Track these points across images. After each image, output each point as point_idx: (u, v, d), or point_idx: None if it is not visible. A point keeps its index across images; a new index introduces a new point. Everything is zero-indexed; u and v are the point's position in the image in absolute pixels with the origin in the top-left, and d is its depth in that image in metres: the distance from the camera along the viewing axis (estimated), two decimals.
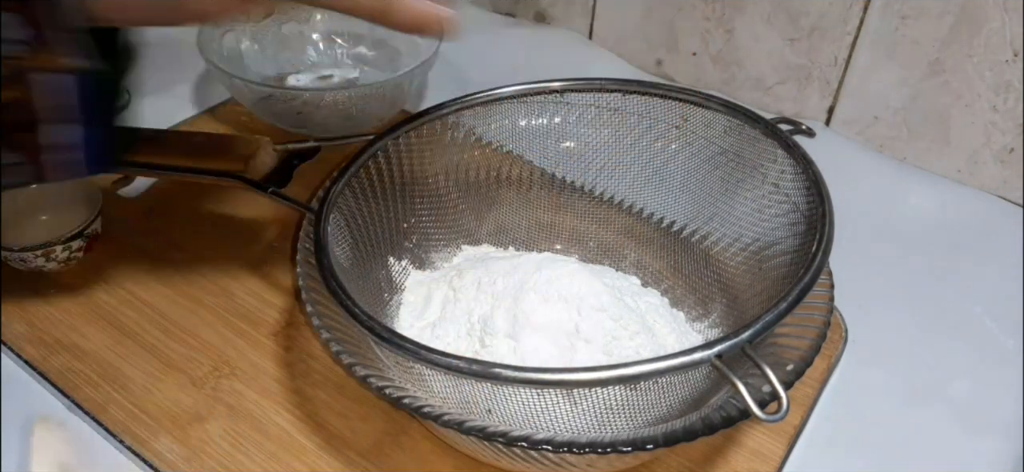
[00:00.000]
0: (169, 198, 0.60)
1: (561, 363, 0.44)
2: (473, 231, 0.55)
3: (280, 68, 0.73)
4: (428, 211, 0.53)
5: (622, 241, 0.54)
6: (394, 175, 0.50)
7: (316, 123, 0.64)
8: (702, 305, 0.50)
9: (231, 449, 0.43)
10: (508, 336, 0.44)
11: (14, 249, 0.50)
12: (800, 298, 0.36)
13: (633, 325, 0.45)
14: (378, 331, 0.36)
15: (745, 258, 0.48)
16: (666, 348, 0.46)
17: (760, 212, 0.47)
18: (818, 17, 0.67)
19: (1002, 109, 0.62)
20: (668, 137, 0.51)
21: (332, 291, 0.38)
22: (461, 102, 0.51)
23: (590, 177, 0.55)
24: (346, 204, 0.46)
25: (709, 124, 0.50)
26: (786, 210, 0.46)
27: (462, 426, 0.34)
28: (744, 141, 0.48)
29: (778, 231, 0.46)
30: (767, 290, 0.45)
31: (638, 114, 0.52)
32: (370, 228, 0.48)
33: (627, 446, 0.34)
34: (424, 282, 0.51)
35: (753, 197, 0.48)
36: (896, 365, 0.51)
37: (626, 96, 0.52)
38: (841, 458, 0.45)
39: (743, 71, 0.74)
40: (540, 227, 0.56)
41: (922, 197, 0.65)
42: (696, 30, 0.75)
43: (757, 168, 0.48)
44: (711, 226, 0.51)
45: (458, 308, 0.47)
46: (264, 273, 0.54)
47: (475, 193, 0.55)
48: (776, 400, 0.32)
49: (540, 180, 0.55)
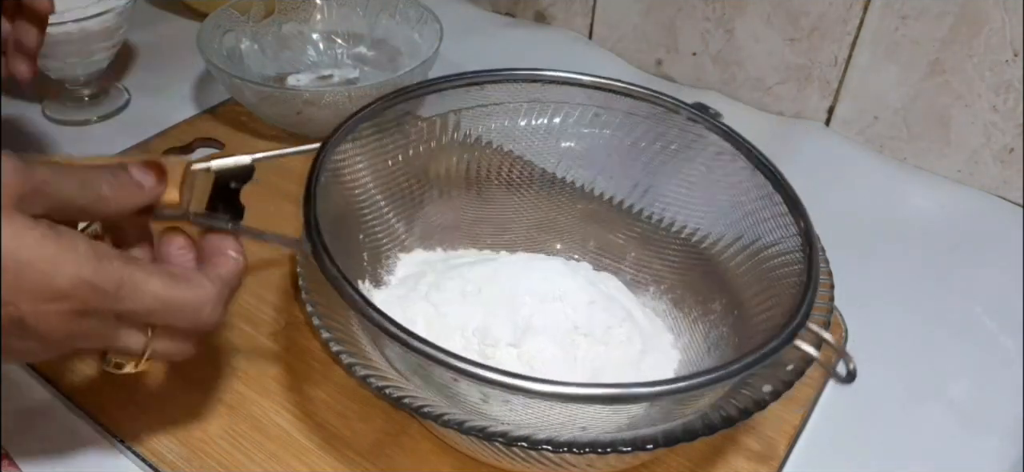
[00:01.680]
0: None
1: (566, 361, 0.44)
2: (403, 238, 0.52)
3: (280, 68, 0.73)
4: (373, 220, 0.50)
5: (617, 240, 0.54)
6: (341, 187, 0.47)
7: (316, 123, 0.64)
8: (702, 305, 0.50)
9: (231, 449, 0.43)
10: (510, 344, 0.44)
11: None
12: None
13: (619, 312, 0.46)
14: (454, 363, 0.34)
15: (745, 258, 0.48)
16: (647, 330, 0.48)
17: (759, 211, 0.47)
18: (818, 17, 0.67)
19: (1002, 109, 0.62)
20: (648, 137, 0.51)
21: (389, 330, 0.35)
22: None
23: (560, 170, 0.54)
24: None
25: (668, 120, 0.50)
26: (786, 210, 0.45)
27: (462, 426, 0.34)
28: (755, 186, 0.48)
29: (778, 231, 0.46)
30: (767, 290, 0.45)
31: (624, 112, 0.52)
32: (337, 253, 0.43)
33: (627, 446, 0.34)
34: (390, 301, 0.47)
35: (753, 197, 0.48)
36: (896, 365, 0.51)
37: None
38: (841, 458, 0.45)
39: (743, 71, 0.74)
40: (482, 223, 0.55)
41: (922, 197, 0.65)
42: (696, 30, 0.75)
43: (757, 168, 0.48)
44: (711, 226, 0.51)
45: (448, 323, 0.45)
46: (264, 273, 0.54)
47: (402, 197, 0.52)
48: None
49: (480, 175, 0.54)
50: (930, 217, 0.63)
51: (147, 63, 0.78)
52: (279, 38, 0.74)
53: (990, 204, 0.64)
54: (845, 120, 0.70)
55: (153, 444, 0.43)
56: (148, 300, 0.32)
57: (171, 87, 0.74)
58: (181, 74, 0.75)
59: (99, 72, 0.68)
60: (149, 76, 0.76)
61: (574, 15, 0.84)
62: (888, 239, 0.61)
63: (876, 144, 0.70)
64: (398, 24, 0.74)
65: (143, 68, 0.77)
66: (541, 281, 0.47)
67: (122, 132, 0.67)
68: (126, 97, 0.72)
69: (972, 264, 0.58)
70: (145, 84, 0.74)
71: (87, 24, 0.62)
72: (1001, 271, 0.58)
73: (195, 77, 0.75)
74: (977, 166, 0.65)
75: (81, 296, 0.30)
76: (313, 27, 0.75)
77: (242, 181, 0.39)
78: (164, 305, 0.32)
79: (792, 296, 0.39)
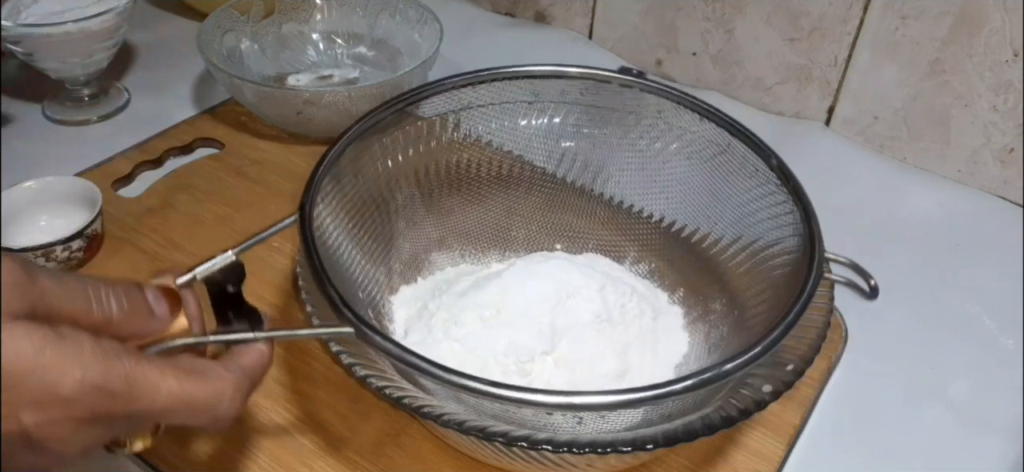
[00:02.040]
0: (169, 198, 0.60)
1: (597, 352, 0.45)
2: (386, 280, 0.50)
3: (280, 68, 0.73)
4: (359, 275, 0.48)
5: (619, 240, 0.54)
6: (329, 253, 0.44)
7: (316, 123, 0.64)
8: (702, 305, 0.50)
9: (231, 449, 0.43)
10: (544, 353, 0.45)
11: (14, 249, 0.50)
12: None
13: (624, 288, 0.48)
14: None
15: (745, 258, 0.48)
16: (649, 296, 0.50)
17: (759, 212, 0.47)
18: (818, 17, 0.67)
19: (1002, 109, 0.62)
20: (653, 135, 0.52)
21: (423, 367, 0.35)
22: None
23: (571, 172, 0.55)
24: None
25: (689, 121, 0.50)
26: (787, 209, 0.45)
27: (462, 426, 0.34)
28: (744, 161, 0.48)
29: (778, 231, 0.46)
30: (767, 289, 0.45)
31: (623, 110, 0.52)
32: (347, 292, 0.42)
33: (627, 446, 0.34)
34: (414, 346, 0.45)
35: (753, 197, 0.48)
36: (896, 365, 0.51)
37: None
38: (841, 458, 0.45)
39: (743, 71, 0.74)
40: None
41: (922, 197, 0.65)
42: (696, 30, 0.75)
43: (758, 168, 0.48)
44: (711, 226, 0.51)
45: (478, 355, 0.45)
46: (264, 273, 0.54)
47: (373, 237, 0.49)
48: None
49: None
50: (930, 217, 0.63)
51: (147, 63, 0.78)
52: (279, 38, 0.74)
53: (990, 204, 0.64)
54: (845, 120, 0.70)
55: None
56: (161, 399, 0.29)
57: (171, 87, 0.74)
58: (181, 74, 0.75)
59: (99, 72, 0.68)
60: (149, 76, 0.76)
61: (574, 15, 0.84)
62: (888, 239, 0.61)
63: (876, 144, 0.70)
64: (398, 24, 0.74)
65: (143, 68, 0.77)
66: (550, 282, 0.47)
67: (122, 132, 0.67)
68: (126, 97, 0.72)
69: (972, 264, 0.58)
70: (145, 84, 0.74)
71: (87, 24, 0.62)
72: (1001, 271, 0.58)
73: (195, 77, 0.75)
74: (977, 166, 0.65)
75: (89, 402, 0.27)
76: (313, 27, 0.75)
77: (237, 281, 0.35)
78: (179, 403, 0.30)
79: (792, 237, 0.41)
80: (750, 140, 0.47)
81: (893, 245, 0.60)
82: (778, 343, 0.35)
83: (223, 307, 0.35)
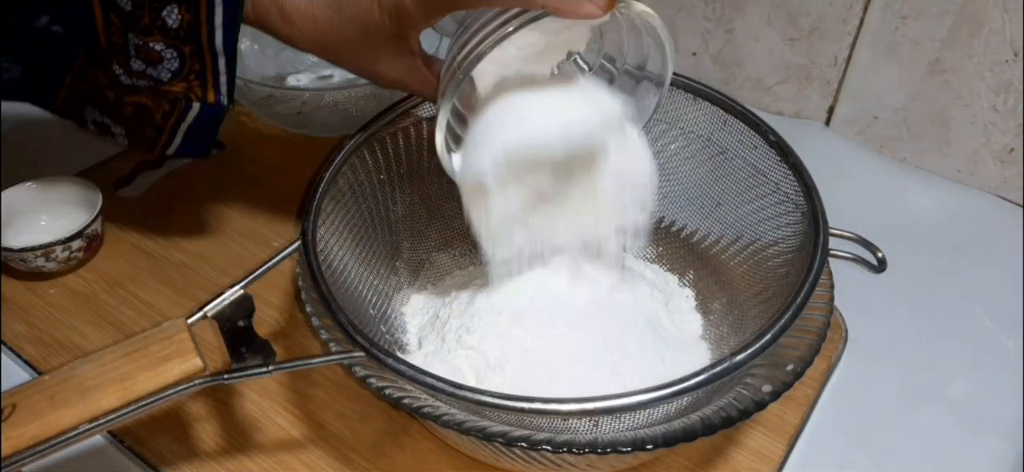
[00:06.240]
0: (169, 198, 0.60)
1: (611, 337, 0.44)
2: (396, 292, 0.50)
3: (280, 68, 0.73)
4: (368, 291, 0.47)
5: None
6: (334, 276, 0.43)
7: (316, 123, 0.64)
8: (702, 304, 0.50)
9: (231, 449, 0.43)
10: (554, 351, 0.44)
11: (14, 249, 0.50)
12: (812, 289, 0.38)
13: (631, 274, 0.48)
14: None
15: (745, 258, 0.48)
16: (656, 281, 0.50)
17: (760, 211, 0.48)
18: (818, 17, 0.67)
19: (1002, 109, 0.62)
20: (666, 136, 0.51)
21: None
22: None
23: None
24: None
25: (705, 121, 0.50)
26: (787, 209, 0.46)
27: (462, 426, 0.34)
28: (742, 140, 0.49)
29: (778, 231, 0.46)
30: (767, 289, 0.45)
31: None
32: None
33: (627, 446, 0.34)
34: (430, 361, 0.45)
35: (752, 197, 0.48)
36: (896, 365, 0.51)
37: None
38: (841, 458, 0.45)
39: (743, 71, 0.74)
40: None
41: (922, 197, 0.65)
42: (696, 30, 0.75)
43: (759, 169, 0.48)
44: (711, 225, 0.51)
45: (493, 360, 0.43)
46: (264, 273, 0.54)
47: (379, 252, 0.49)
48: None
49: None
50: (930, 217, 0.63)
51: None
52: None
53: (990, 204, 0.64)
54: (845, 120, 0.70)
55: (153, 444, 0.43)
56: None
57: None
58: None
59: None
60: None
61: None
62: (888, 239, 0.60)
63: (876, 144, 0.69)
64: None
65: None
66: (557, 271, 0.46)
67: None
68: None
69: (972, 264, 0.58)
70: None
71: None
72: (1001, 271, 0.58)
73: None
74: (977, 166, 0.65)
75: None
76: None
77: (247, 315, 0.37)
78: None
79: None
80: (747, 118, 0.47)
81: (893, 245, 0.60)
82: (794, 320, 0.36)
83: (235, 343, 0.36)
